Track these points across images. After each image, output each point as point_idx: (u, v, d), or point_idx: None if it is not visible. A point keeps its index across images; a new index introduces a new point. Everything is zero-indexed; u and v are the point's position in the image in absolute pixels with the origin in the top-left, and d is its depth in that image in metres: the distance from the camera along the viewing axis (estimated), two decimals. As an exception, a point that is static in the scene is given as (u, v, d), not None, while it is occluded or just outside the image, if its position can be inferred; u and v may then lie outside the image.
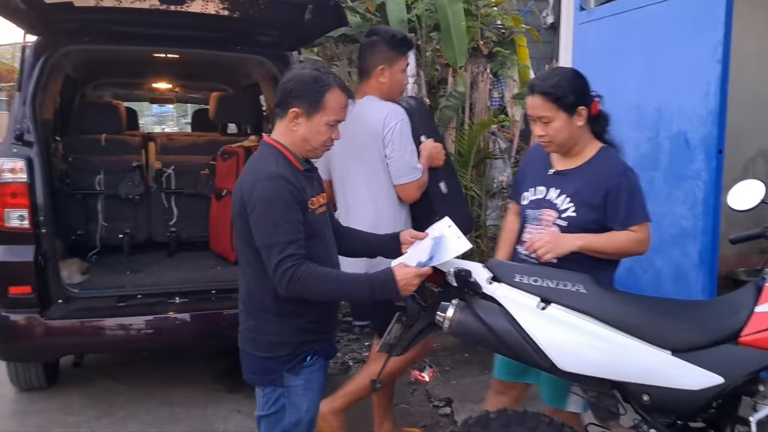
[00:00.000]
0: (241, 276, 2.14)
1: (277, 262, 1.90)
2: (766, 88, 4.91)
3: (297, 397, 2.09)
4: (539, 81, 2.26)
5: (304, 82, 2.01)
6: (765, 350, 1.79)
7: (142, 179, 4.61)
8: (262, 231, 1.94)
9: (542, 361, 1.85)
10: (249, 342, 2.11)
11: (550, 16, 6.63)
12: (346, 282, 1.99)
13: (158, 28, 3.79)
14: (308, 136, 2.04)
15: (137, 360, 4.31)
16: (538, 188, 2.33)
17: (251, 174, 2.01)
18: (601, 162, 2.28)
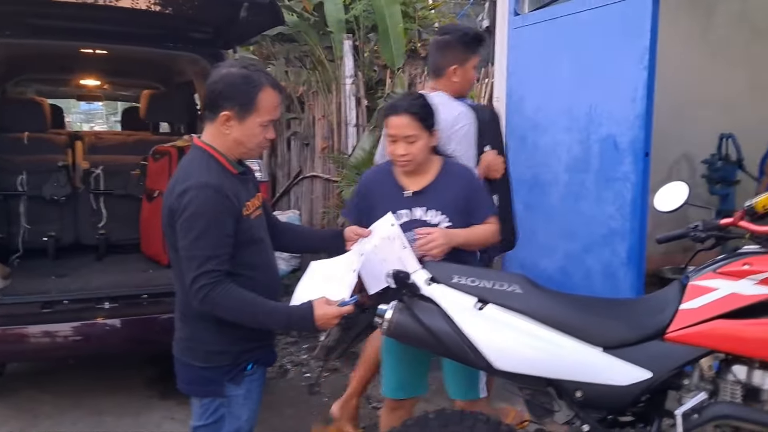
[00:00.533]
0: (176, 284, 2.03)
1: (194, 278, 1.84)
2: (691, 94, 5.16)
3: (237, 407, 2.03)
4: (404, 102, 2.31)
5: (233, 83, 1.92)
6: (689, 345, 1.87)
7: (68, 180, 4.41)
8: (185, 242, 1.87)
9: (479, 361, 1.87)
10: (186, 351, 2.03)
11: (486, 20, 6.73)
12: (261, 312, 1.91)
13: (86, 22, 3.64)
14: (242, 138, 1.96)
15: (63, 368, 4.13)
16: (400, 213, 2.32)
17: (181, 181, 1.91)
18: (451, 172, 2.41)
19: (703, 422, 1.86)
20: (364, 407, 3.69)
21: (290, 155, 6.30)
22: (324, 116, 5.48)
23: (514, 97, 4.38)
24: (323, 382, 3.99)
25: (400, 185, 2.37)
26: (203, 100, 1.96)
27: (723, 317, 1.84)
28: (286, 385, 4.00)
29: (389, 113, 2.31)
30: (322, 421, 3.44)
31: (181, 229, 1.87)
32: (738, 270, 1.88)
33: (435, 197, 2.34)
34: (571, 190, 3.84)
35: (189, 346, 2.02)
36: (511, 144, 4.43)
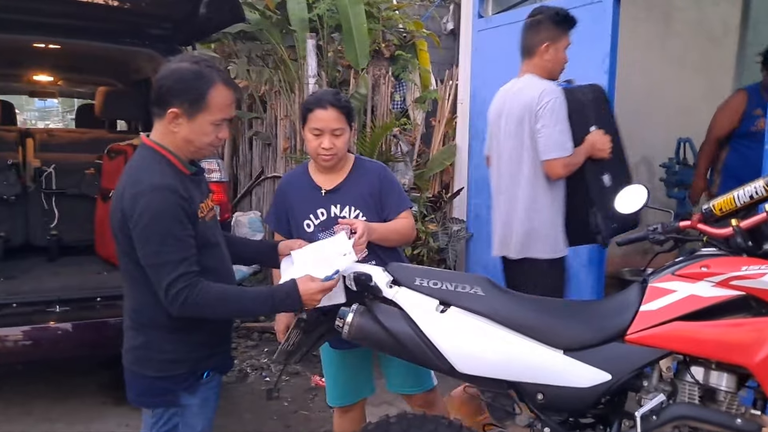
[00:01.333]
0: (126, 291, 1.94)
1: (169, 284, 1.75)
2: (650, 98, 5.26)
3: (192, 417, 1.96)
4: (331, 96, 2.31)
5: (182, 79, 1.81)
6: (649, 347, 1.88)
7: (18, 178, 4.26)
8: (148, 249, 1.77)
9: (441, 364, 1.85)
10: (139, 361, 1.92)
11: (450, 22, 6.76)
12: (246, 300, 1.87)
13: (38, 15, 3.51)
14: (191, 137, 1.86)
15: (12, 374, 3.97)
16: (318, 211, 2.35)
17: (132, 185, 1.80)
18: (362, 167, 2.43)
19: (661, 423, 1.87)
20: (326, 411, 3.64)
21: (252, 155, 6.21)
22: (287, 116, 5.41)
23: (478, 98, 4.39)
24: (283, 386, 3.93)
25: (316, 185, 2.38)
26: (151, 96, 1.88)
27: (682, 319, 1.85)
28: (246, 390, 3.93)
29: (315, 107, 2.29)
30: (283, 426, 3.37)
31: (143, 237, 1.77)
32: (696, 272, 1.89)
33: (349, 194, 2.36)
34: (533, 192, 3.85)
35: (142, 356, 1.91)
36: (474, 146, 4.46)
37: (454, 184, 5.06)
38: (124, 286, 1.96)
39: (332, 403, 2.58)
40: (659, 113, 5.38)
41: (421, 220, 4.70)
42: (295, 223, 2.38)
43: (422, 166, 5.23)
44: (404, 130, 5.29)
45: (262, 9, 5.36)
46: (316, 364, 4.21)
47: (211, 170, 3.51)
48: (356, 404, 2.58)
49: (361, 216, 2.34)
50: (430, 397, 2.53)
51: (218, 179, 3.52)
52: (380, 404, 3.57)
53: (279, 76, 5.38)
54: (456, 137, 5.06)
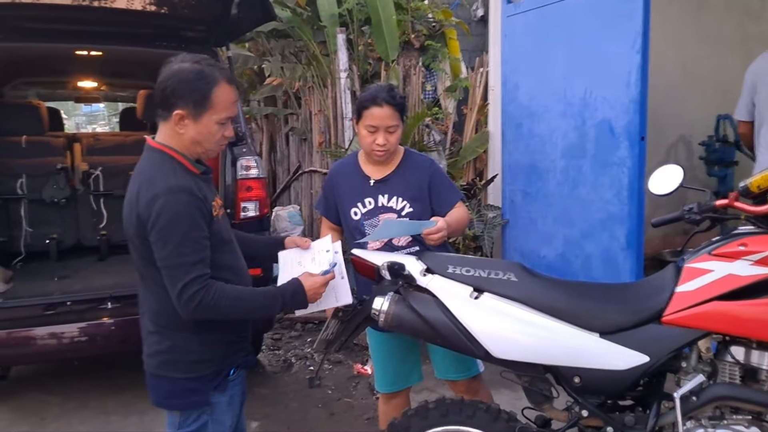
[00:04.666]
0: (145, 296, 1.93)
1: (183, 286, 1.74)
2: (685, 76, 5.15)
3: (221, 414, 1.98)
4: (386, 93, 2.35)
5: (185, 80, 1.80)
6: (687, 328, 1.87)
7: (67, 182, 4.43)
8: (164, 252, 1.76)
9: (476, 349, 1.88)
10: (166, 365, 1.91)
11: (480, 9, 6.71)
12: (257, 300, 1.88)
13: (80, 24, 3.64)
14: (198, 138, 1.85)
15: (68, 370, 4.16)
16: (366, 200, 2.43)
17: (147, 189, 1.78)
18: (411, 160, 2.49)
19: (702, 404, 1.87)
20: (368, 398, 3.72)
21: (289, 151, 6.30)
22: (320, 111, 5.48)
23: (509, 85, 4.38)
24: (326, 374, 4.01)
25: (365, 174, 2.46)
26: (154, 98, 1.90)
27: (719, 299, 1.85)
28: (291, 379, 4.03)
29: (370, 104, 2.34)
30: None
31: (159, 239, 1.76)
32: (733, 251, 1.88)
33: (397, 185, 2.43)
34: (568, 176, 3.85)
35: (169, 359, 1.91)
36: (507, 132, 4.45)
37: (488, 171, 5.06)
38: (141, 292, 1.95)
39: (381, 389, 2.63)
40: (696, 91, 5.27)
41: (457, 208, 4.72)
42: (342, 211, 2.47)
43: (455, 155, 5.24)
44: (436, 120, 5.30)
45: (293, 6, 5.43)
46: (357, 352, 4.29)
47: (249, 167, 3.60)
48: (402, 391, 2.63)
49: (408, 207, 2.41)
50: (474, 385, 2.56)
51: (256, 175, 3.60)
52: (421, 390, 3.62)
53: (312, 71, 5.45)
54: (488, 124, 5.05)
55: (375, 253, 2.13)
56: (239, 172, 3.57)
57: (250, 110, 6.33)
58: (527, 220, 4.26)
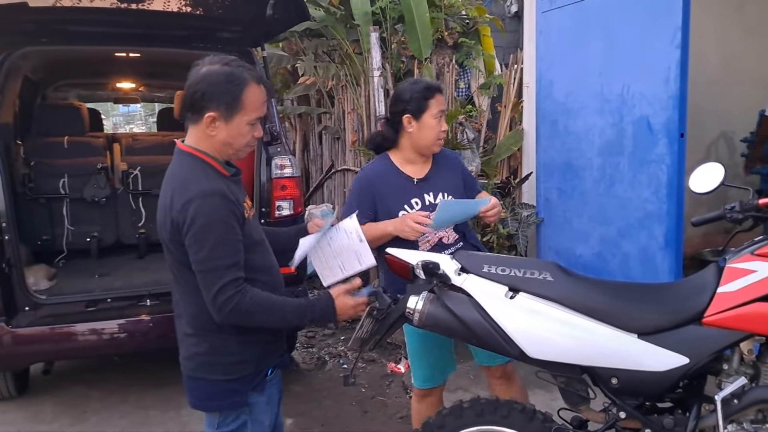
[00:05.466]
0: (181, 299, 1.93)
1: (218, 289, 1.75)
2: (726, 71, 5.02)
3: (260, 413, 1.99)
4: (435, 82, 2.49)
5: (216, 83, 1.80)
6: (728, 329, 1.83)
7: (107, 181, 4.53)
8: (200, 255, 1.76)
9: (512, 349, 1.87)
10: (205, 367, 1.91)
11: (514, 5, 6.66)
12: (287, 311, 1.88)
13: (119, 26, 3.72)
14: (229, 139, 1.85)
15: (109, 365, 4.26)
16: (412, 201, 2.45)
17: (181, 193, 1.78)
18: (442, 155, 2.59)
19: (743, 407, 1.83)
20: (402, 397, 3.72)
21: (322, 149, 6.34)
22: (354, 109, 5.50)
23: (544, 81, 4.33)
24: (360, 373, 4.03)
25: (407, 175, 2.49)
26: (184, 102, 1.88)
27: (762, 300, 1.80)
28: (325, 377, 4.06)
29: (435, 92, 2.45)
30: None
31: (194, 243, 1.75)
32: (777, 251, 1.84)
33: (438, 181, 2.50)
34: (605, 174, 3.79)
35: (208, 361, 1.90)
36: (542, 129, 4.40)
37: (523, 169, 5.01)
38: (177, 295, 1.95)
39: (419, 386, 2.64)
40: (737, 86, 5.13)
41: (491, 206, 4.69)
42: (388, 215, 2.44)
43: (489, 153, 5.20)
44: (470, 117, 5.27)
45: (327, 5, 5.45)
46: (391, 351, 4.30)
47: (283, 166, 3.63)
48: (436, 388, 2.66)
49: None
50: (509, 369, 2.61)
51: (290, 174, 3.64)
52: (455, 390, 3.62)
53: (345, 70, 5.47)
54: (523, 121, 5.00)
55: (409, 252, 2.13)
56: (274, 171, 3.60)
57: (284, 109, 6.39)
58: (562, 218, 4.21)
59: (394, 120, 2.49)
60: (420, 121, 2.43)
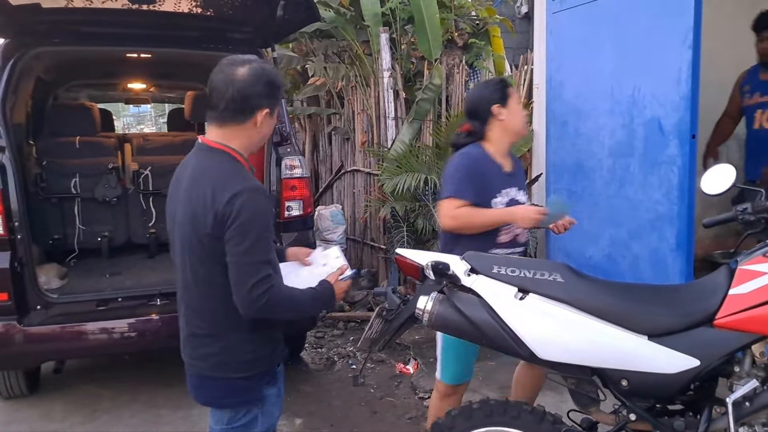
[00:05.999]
0: (200, 298, 1.90)
1: (255, 283, 1.75)
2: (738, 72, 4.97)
3: (271, 406, 2.02)
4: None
5: (271, 81, 1.88)
6: (740, 331, 1.82)
7: (118, 181, 4.56)
8: (240, 248, 1.76)
9: (522, 350, 1.87)
10: (220, 366, 1.91)
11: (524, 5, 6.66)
12: (306, 301, 1.92)
13: (130, 27, 3.74)
14: (266, 134, 1.95)
15: (120, 364, 4.28)
16: (503, 191, 2.56)
17: (223, 188, 1.77)
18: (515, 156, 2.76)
19: (755, 410, 1.82)
20: (411, 398, 3.72)
21: (331, 150, 6.35)
22: (363, 110, 5.51)
23: (554, 82, 4.31)
24: (369, 373, 4.03)
25: (500, 165, 2.61)
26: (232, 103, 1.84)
27: (774, 302, 1.79)
28: (334, 377, 4.07)
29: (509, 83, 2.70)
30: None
31: (236, 235, 1.76)
32: (789, 253, 1.82)
33: (519, 177, 2.70)
34: (615, 175, 3.77)
35: (222, 360, 1.90)
36: (552, 130, 4.39)
37: (533, 170, 5.00)
38: (190, 295, 1.92)
39: (448, 381, 2.63)
40: (750, 87, 5.09)
41: (501, 207, 4.68)
42: (486, 199, 2.52)
43: (500, 154, 5.19)
44: (480, 118, 5.26)
45: (337, 6, 5.47)
46: (399, 352, 4.30)
47: (293, 166, 3.64)
48: (461, 386, 2.67)
49: (527, 200, 2.67)
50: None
51: (300, 175, 3.65)
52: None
53: (355, 71, 5.48)
54: (533, 122, 4.99)
55: (419, 252, 2.13)
56: (284, 171, 3.61)
57: (294, 110, 6.41)
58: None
59: (479, 115, 2.61)
60: (508, 107, 2.58)
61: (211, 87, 1.87)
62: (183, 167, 1.96)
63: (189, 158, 1.96)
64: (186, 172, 1.91)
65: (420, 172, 4.59)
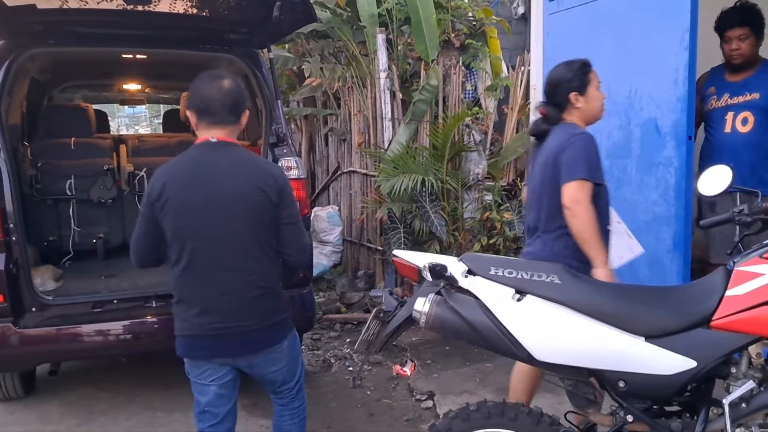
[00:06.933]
0: (261, 261, 2.31)
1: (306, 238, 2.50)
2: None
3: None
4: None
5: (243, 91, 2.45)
6: (736, 333, 1.82)
7: (114, 182, 4.55)
8: (293, 210, 2.37)
9: (519, 352, 1.86)
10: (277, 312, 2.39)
11: (521, 6, 6.66)
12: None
13: (126, 28, 3.73)
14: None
15: (116, 366, 4.26)
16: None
17: (273, 168, 2.45)
18: None
19: (752, 411, 1.82)
20: (407, 400, 3.72)
21: (328, 151, 6.35)
22: (360, 111, 5.50)
23: (551, 84, 4.31)
24: (366, 375, 4.03)
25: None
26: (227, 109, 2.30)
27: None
28: (331, 379, 4.05)
29: (591, 67, 2.70)
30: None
31: (291, 202, 2.36)
32: (786, 254, 1.82)
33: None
34: (612, 176, 3.76)
35: (278, 307, 2.40)
36: (549, 132, 4.38)
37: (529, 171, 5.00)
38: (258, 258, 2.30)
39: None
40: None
41: (496, 208, 4.69)
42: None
43: (496, 155, 5.20)
44: (476, 120, 5.27)
45: (333, 7, 5.46)
46: (396, 354, 4.29)
47: (290, 167, 3.63)
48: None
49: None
50: None
51: (296, 176, 3.63)
52: (461, 393, 3.61)
53: (351, 72, 5.48)
54: (530, 124, 4.99)
55: (416, 254, 2.13)
56: (280, 172, 3.61)
57: (290, 111, 6.40)
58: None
59: (557, 101, 2.63)
60: (586, 95, 2.60)
61: (205, 98, 2.27)
62: (196, 162, 2.31)
63: (202, 155, 2.31)
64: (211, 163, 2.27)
65: (417, 173, 4.59)
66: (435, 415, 3.48)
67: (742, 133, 3.41)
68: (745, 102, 3.41)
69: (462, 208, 4.93)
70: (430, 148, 4.92)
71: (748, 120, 3.39)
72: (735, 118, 3.41)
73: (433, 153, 4.84)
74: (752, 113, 3.38)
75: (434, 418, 3.46)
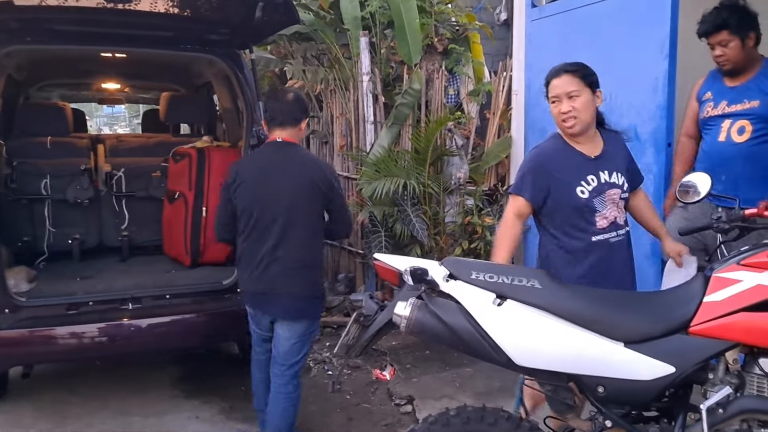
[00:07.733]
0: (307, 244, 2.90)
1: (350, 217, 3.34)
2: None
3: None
4: (564, 65, 2.51)
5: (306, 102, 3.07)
6: (714, 339, 1.84)
7: (91, 182, 4.47)
8: (342, 200, 3.11)
9: (499, 356, 1.86)
10: (315, 287, 2.97)
11: (503, 13, 6.70)
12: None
13: (105, 26, 3.68)
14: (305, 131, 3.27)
15: (90, 369, 4.19)
16: (588, 178, 2.46)
17: (324, 164, 3.35)
18: (609, 135, 2.59)
19: (728, 417, 1.83)
20: (387, 404, 3.70)
21: (309, 154, 6.31)
22: (342, 114, 5.48)
23: (533, 89, 4.34)
24: (345, 379, 4.00)
25: (582, 153, 2.50)
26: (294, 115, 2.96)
27: (748, 310, 1.80)
28: (310, 383, 4.01)
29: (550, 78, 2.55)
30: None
31: (339, 192, 3.05)
32: (763, 261, 1.84)
33: (611, 159, 2.51)
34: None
35: (316, 282, 2.99)
36: (530, 137, 4.41)
37: (510, 176, 5.02)
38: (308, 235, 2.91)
39: None
40: (725, 97, 5.16)
41: (478, 213, 4.69)
42: (564, 192, 2.45)
43: (477, 159, 5.21)
44: (459, 124, 5.28)
45: (316, 9, 5.44)
46: (376, 358, 4.28)
47: None
48: None
49: (625, 182, 2.50)
50: None
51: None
52: (441, 398, 3.60)
53: (334, 74, 5.46)
54: (511, 129, 5.01)
55: (398, 258, 2.12)
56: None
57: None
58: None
59: None
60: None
61: (275, 107, 2.98)
62: (264, 155, 3.02)
63: (270, 152, 2.98)
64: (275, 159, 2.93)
65: (399, 176, 4.58)
66: (414, 419, 3.47)
67: (737, 143, 3.05)
68: (744, 110, 3.07)
69: (443, 212, 4.93)
70: (412, 151, 4.92)
71: (746, 129, 3.05)
72: (731, 126, 3.08)
73: (415, 157, 4.84)
74: (750, 122, 3.03)
75: (413, 422, 3.44)
